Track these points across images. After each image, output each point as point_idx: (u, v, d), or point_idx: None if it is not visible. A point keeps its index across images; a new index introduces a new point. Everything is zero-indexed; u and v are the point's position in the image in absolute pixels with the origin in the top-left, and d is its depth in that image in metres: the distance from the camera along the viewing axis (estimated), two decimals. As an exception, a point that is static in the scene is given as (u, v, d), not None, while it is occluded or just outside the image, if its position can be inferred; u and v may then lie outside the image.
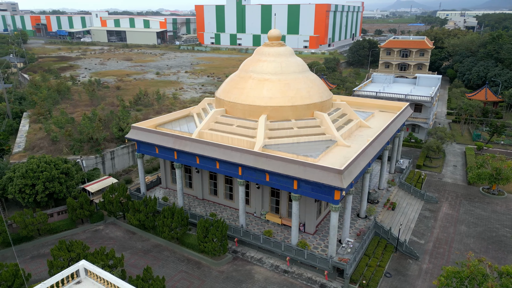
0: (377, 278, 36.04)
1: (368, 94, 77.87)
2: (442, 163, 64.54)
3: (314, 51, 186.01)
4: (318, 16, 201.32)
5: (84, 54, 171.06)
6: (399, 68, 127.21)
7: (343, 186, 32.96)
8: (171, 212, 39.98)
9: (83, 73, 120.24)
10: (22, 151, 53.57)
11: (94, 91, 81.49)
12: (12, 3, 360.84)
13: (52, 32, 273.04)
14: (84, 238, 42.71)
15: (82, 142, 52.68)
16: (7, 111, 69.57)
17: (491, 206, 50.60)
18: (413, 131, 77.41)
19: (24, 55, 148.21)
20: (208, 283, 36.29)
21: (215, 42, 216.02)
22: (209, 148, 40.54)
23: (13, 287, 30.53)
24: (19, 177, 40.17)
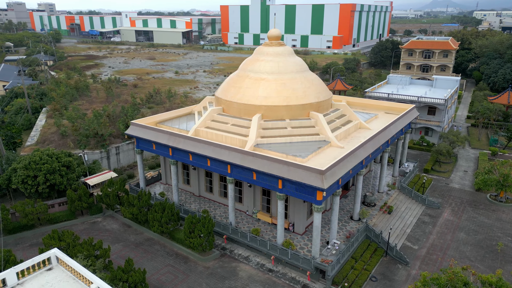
0: (361, 282, 35.53)
1: (379, 95, 76.47)
2: (452, 168, 62.43)
3: (336, 52, 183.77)
4: (342, 16, 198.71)
5: (111, 53, 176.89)
6: (421, 69, 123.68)
7: (324, 187, 32.76)
8: (162, 207, 41.01)
9: (106, 71, 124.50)
10: (34, 144, 56.40)
11: (111, 88, 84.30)
12: (49, 4, 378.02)
13: (85, 32, 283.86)
14: (82, 229, 44.54)
15: (89, 137, 54.83)
16: (27, 106, 73.29)
17: (497, 213, 48.56)
18: (426, 134, 75.25)
19: (54, 54, 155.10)
20: (192, 278, 37.00)
21: (238, 42, 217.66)
22: (200, 146, 41.27)
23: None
24: (22, 169, 42.47)
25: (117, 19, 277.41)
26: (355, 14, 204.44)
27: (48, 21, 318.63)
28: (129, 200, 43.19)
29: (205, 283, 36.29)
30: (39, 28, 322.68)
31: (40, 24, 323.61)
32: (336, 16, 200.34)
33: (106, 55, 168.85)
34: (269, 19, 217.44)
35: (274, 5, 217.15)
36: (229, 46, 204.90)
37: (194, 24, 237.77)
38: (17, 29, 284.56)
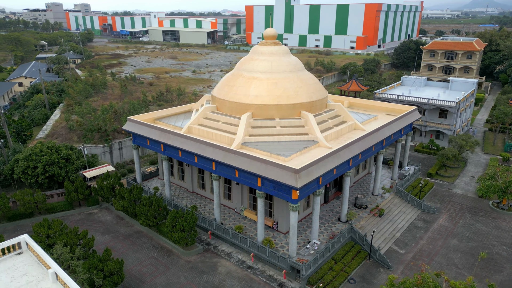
0: (337, 283, 35.23)
1: (389, 97, 74.94)
2: (458, 173, 60.28)
3: (360, 52, 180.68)
4: (367, 16, 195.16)
5: (136, 52, 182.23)
6: (444, 71, 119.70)
7: (297, 186, 32.77)
8: (150, 201, 42.24)
9: (127, 70, 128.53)
10: (43, 137, 59.40)
11: (126, 86, 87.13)
12: (85, 5, 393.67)
13: (116, 32, 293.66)
14: (77, 219, 46.58)
15: (93, 132, 57.14)
16: (45, 101, 77.09)
17: (496, 221, 46.58)
18: (437, 138, 72.99)
19: (82, 52, 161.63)
20: (172, 270, 37.94)
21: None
22: (187, 143, 42.20)
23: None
24: (23, 160, 44.97)
25: (146, 19, 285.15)
26: (381, 14, 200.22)
27: (82, 21, 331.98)
28: (120, 193, 44.75)
29: (183, 276, 37.12)
30: (74, 28, 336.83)
31: (75, 24, 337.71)
32: (361, 16, 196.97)
33: (131, 54, 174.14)
34: (293, 19, 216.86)
35: (298, 5, 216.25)
36: (251, 46, 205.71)
37: (219, 24, 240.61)
38: (53, 29, 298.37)
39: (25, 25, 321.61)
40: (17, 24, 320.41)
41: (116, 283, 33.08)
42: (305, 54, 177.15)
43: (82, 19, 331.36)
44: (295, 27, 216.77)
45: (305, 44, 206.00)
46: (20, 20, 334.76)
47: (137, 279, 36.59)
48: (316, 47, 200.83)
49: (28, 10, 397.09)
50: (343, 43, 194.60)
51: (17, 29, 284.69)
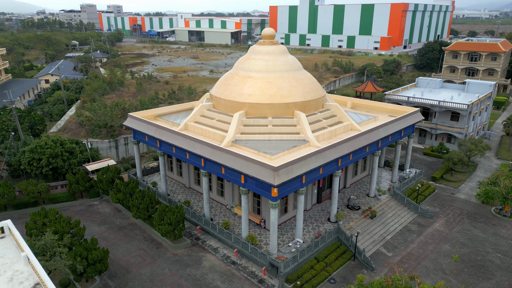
0: (315, 282, 35.26)
1: (399, 98, 73.52)
2: (465, 178, 58.41)
3: (383, 53, 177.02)
4: (393, 16, 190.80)
5: (160, 52, 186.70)
6: (467, 73, 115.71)
7: (274, 183, 33.11)
8: (142, 194, 43.73)
9: (148, 69, 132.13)
10: (56, 131, 62.47)
11: (141, 84, 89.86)
12: (117, 6, 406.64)
13: (144, 32, 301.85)
14: (78, 210, 48.83)
15: (100, 127, 59.54)
16: (63, 97, 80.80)
17: (495, 228, 44.94)
18: (448, 141, 70.89)
19: (108, 51, 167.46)
20: (158, 262, 39.17)
21: (284, 43, 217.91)
22: (179, 139, 43.36)
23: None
24: (28, 151, 47.66)
25: (173, 20, 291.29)
26: (408, 14, 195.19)
27: (114, 21, 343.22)
28: (117, 186, 46.54)
29: (168, 268, 38.26)
30: (106, 28, 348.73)
31: (107, 24, 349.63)
32: (386, 16, 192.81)
33: (155, 54, 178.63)
34: (317, 20, 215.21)
35: (323, 5, 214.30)
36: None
37: (243, 25, 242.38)
38: (86, 29, 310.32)
39: (60, 25, 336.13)
40: (53, 25, 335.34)
41: (100, 271, 34.61)
42: (326, 54, 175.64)
43: (114, 20, 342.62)
44: (319, 27, 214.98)
45: (328, 44, 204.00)
46: (56, 21, 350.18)
47: (123, 269, 38.05)
48: (339, 47, 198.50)
49: (64, 11, 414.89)
50: (367, 43, 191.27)
51: (53, 29, 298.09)
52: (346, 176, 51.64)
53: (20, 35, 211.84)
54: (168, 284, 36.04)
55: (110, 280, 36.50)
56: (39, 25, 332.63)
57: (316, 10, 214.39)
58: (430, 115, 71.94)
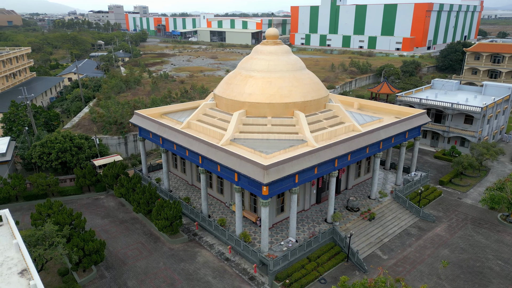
0: (305, 281, 35.33)
1: (411, 100, 72.20)
2: (475, 183, 56.78)
3: (406, 54, 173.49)
4: (416, 17, 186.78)
5: (181, 52, 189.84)
6: (489, 75, 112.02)
7: (263, 182, 33.45)
8: (143, 189, 44.97)
9: (166, 68, 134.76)
10: (70, 127, 64.93)
11: (156, 83, 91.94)
12: (143, 7, 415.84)
13: (168, 32, 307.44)
14: (84, 203, 50.66)
15: (111, 124, 61.49)
16: (81, 95, 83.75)
17: (500, 235, 43.58)
18: (461, 145, 69.02)
19: (130, 51, 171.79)
20: (154, 256, 40.21)
21: (305, 43, 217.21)
22: (179, 137, 44.35)
23: (-1, 228, 38.73)
24: (39, 146, 49.87)
25: (196, 20, 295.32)
26: (432, 14, 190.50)
27: (139, 22, 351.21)
28: (121, 181, 48.02)
29: (162, 262, 39.23)
30: (132, 28, 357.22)
31: (133, 25, 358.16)
32: (410, 16, 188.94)
33: (175, 54, 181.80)
34: (338, 20, 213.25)
35: (344, 5, 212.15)
36: (293, 47, 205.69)
37: (264, 25, 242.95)
38: (112, 29, 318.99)
39: (88, 25, 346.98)
40: (82, 25, 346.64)
41: (95, 261, 35.96)
42: (346, 55, 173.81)
43: (139, 20, 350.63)
44: (340, 27, 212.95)
45: (348, 45, 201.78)
46: (85, 21, 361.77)
47: (120, 261, 39.29)
48: (360, 48, 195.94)
49: (93, 12, 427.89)
50: (388, 44, 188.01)
51: (82, 29, 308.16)
52: (348, 178, 51.27)
53: (49, 35, 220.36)
54: (161, 277, 36.98)
55: (107, 271, 37.78)
56: (68, 25, 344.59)
57: (338, 10, 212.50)
58: (443, 117, 70.28)
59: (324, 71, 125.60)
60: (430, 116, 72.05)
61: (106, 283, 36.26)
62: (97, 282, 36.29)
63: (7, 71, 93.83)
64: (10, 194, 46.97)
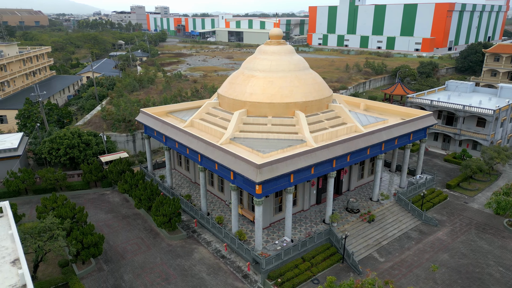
0: (297, 281, 35.35)
1: (422, 102, 70.93)
2: (484, 187, 55.31)
3: (425, 55, 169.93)
4: (437, 17, 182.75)
5: (198, 52, 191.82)
6: (509, 77, 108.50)
7: (256, 180, 33.69)
8: (144, 186, 45.93)
9: (182, 68, 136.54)
10: (81, 124, 66.84)
11: (168, 82, 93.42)
12: (164, 7, 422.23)
13: (187, 32, 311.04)
14: (90, 198, 52.09)
15: (120, 122, 62.97)
16: (95, 93, 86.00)
17: (504, 241, 42.37)
18: (474, 148, 67.31)
19: (148, 51, 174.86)
20: (152, 251, 41.03)
21: (322, 43, 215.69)
22: (180, 135, 45.07)
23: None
24: (48, 141, 51.62)
25: (215, 20, 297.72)
26: (454, 14, 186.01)
27: (160, 22, 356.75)
28: (125, 178, 49.16)
29: (160, 257, 39.99)
30: (153, 28, 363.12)
31: (154, 25, 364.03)
32: (430, 16, 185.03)
33: (192, 54, 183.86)
34: (356, 20, 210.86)
35: (363, 5, 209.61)
36: (309, 47, 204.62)
37: (282, 25, 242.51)
38: (134, 29, 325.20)
39: (111, 26, 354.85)
40: (105, 25, 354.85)
41: (93, 254, 37.02)
42: (363, 55, 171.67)
43: (160, 21, 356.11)
44: (358, 27, 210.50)
45: (366, 45, 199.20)
46: (107, 21, 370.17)
47: (119, 255, 40.28)
48: (378, 48, 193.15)
49: (116, 13, 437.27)
50: (407, 45, 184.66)
51: (104, 29, 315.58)
52: (350, 179, 50.87)
53: (72, 35, 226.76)
54: (156, 272, 37.73)
55: (105, 264, 38.82)
56: (92, 25, 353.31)
57: (356, 10, 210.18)
58: (455, 120, 68.71)
59: (338, 71, 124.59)
60: (441, 118, 70.66)
61: (103, 275, 37.27)
62: (95, 275, 37.35)
63: (26, 69, 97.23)
64: (20, 188, 48.79)
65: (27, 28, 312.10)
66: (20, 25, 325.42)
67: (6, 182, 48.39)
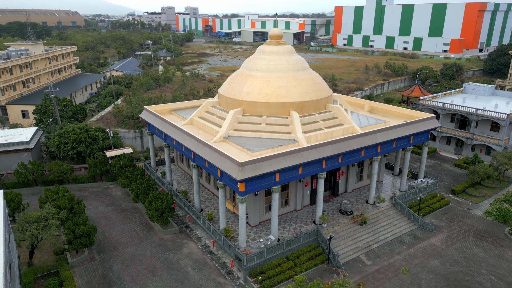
0: (278, 280, 35.52)
1: (434, 104, 69.00)
2: (491, 194, 53.21)
3: (453, 56, 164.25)
4: (468, 17, 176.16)
5: (221, 52, 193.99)
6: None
7: (237, 178, 34.15)
8: (141, 181, 47.40)
9: (201, 67, 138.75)
10: (94, 120, 69.61)
11: (184, 81, 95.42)
12: (193, 8, 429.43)
13: (214, 33, 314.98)
14: (94, 191, 54.25)
15: (129, 119, 65.13)
16: (112, 91, 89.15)
17: (502, 250, 40.71)
18: (488, 153, 64.77)
19: (172, 50, 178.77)
20: (143, 244, 42.35)
21: (347, 44, 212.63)
22: (177, 132, 46.18)
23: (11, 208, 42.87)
24: (57, 136, 54.22)
25: (241, 21, 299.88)
26: (486, 14, 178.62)
27: (188, 23, 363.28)
28: (125, 173, 50.90)
29: (150, 250, 41.23)
30: (182, 29, 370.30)
31: (182, 25, 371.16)
32: (460, 17, 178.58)
33: (215, 54, 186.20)
34: (383, 20, 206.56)
35: (390, 5, 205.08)
36: (333, 48, 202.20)
37: (307, 25, 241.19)
38: (163, 29, 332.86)
39: (142, 26, 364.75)
40: (136, 25, 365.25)
41: (84, 244, 38.68)
42: (387, 56, 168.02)
43: (189, 21, 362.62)
44: (385, 28, 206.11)
45: (392, 46, 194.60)
46: (139, 22, 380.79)
47: (111, 246, 41.85)
48: (404, 49, 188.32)
49: (147, 13, 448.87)
50: (435, 46, 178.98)
51: (135, 29, 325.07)
52: (348, 181, 50.30)
53: (103, 35, 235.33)
54: (144, 264, 38.95)
55: (97, 254, 40.45)
56: (124, 25, 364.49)
57: (383, 10, 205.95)
58: (468, 124, 66.35)
59: (357, 72, 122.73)
60: (454, 122, 68.42)
61: (94, 265, 38.88)
62: (86, 264, 39.02)
63: (51, 67, 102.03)
64: (29, 179, 51.55)
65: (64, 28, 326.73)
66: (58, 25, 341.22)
67: (16, 173, 51.24)
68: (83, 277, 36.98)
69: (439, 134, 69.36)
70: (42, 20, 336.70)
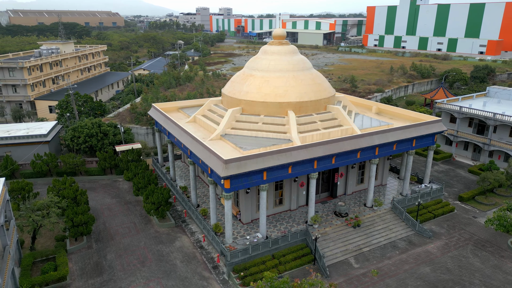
0: (260, 277, 35.82)
1: (450, 107, 66.47)
2: (502, 202, 50.70)
3: (490, 58, 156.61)
4: (508, 17, 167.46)
5: (249, 52, 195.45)
6: None
7: (221, 175, 34.85)
8: (143, 175, 49.22)
9: (226, 67, 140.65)
10: (112, 116, 72.73)
11: (203, 80, 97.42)
12: (227, 9, 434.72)
13: (246, 33, 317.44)
14: (103, 183, 56.82)
15: (142, 115, 67.55)
16: (134, 88, 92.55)
17: (501, 261, 38.84)
18: (506, 160, 61.65)
19: (200, 50, 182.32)
20: (139, 236, 44.02)
21: (378, 44, 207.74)
22: (177, 130, 47.56)
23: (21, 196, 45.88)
24: (71, 130, 57.29)
25: (273, 21, 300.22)
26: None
27: (221, 23, 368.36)
28: (130, 167, 52.99)
29: (144, 242, 42.80)
30: (215, 29, 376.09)
31: (216, 26, 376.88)
32: (499, 17, 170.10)
33: (242, 54, 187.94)
34: (417, 20, 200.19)
35: (425, 5, 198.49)
36: (363, 48, 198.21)
37: (337, 26, 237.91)
38: (196, 30, 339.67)
39: (177, 26, 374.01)
40: (171, 26, 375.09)
41: (81, 232, 40.82)
42: (418, 57, 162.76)
43: (222, 22, 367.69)
44: (419, 28, 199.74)
45: (425, 47, 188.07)
46: (174, 22, 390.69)
47: (109, 236, 43.82)
48: (438, 50, 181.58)
49: (183, 14, 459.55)
50: (471, 47, 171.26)
51: (170, 29, 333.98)
52: (347, 183, 49.67)
53: (138, 35, 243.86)
54: (137, 255, 40.52)
55: (95, 243, 42.52)
56: (161, 26, 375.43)
57: (417, 10, 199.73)
58: (486, 129, 63.42)
59: (382, 73, 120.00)
60: (472, 126, 65.62)
61: (90, 253, 40.93)
62: (83, 251, 41.13)
63: (81, 65, 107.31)
64: (43, 169, 54.86)
65: (104, 28, 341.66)
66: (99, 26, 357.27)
67: (32, 163, 54.69)
68: (78, 263, 39.05)
69: (455, 139, 66.74)
70: (85, 21, 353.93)
